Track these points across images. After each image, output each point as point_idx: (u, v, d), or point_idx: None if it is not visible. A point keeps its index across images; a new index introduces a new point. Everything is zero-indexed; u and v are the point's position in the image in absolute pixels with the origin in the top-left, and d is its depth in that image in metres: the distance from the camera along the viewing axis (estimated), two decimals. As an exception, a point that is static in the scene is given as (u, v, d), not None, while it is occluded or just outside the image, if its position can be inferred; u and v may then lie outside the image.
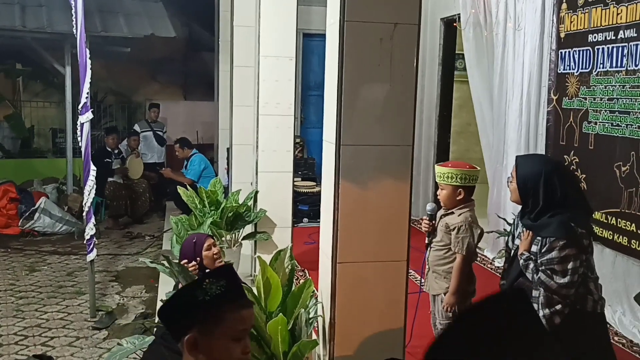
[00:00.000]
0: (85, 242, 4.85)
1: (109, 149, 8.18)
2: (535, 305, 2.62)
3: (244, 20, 5.60)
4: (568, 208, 2.63)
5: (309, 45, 8.80)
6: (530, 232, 2.71)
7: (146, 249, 6.89)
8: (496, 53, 5.63)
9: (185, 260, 3.33)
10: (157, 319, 4.19)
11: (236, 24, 5.74)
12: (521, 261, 2.68)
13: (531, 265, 2.65)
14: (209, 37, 9.53)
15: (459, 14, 6.32)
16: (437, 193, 3.32)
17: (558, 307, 2.58)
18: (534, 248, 2.66)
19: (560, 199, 2.62)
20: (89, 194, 4.74)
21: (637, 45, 4.07)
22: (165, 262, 3.49)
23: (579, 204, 2.69)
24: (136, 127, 9.05)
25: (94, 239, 4.82)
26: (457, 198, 3.23)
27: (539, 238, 2.64)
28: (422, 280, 3.47)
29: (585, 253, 2.62)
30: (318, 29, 7.70)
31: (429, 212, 3.30)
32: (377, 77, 2.54)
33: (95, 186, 4.79)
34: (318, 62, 8.75)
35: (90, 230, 4.78)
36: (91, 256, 4.82)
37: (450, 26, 6.95)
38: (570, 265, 2.57)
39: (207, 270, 3.21)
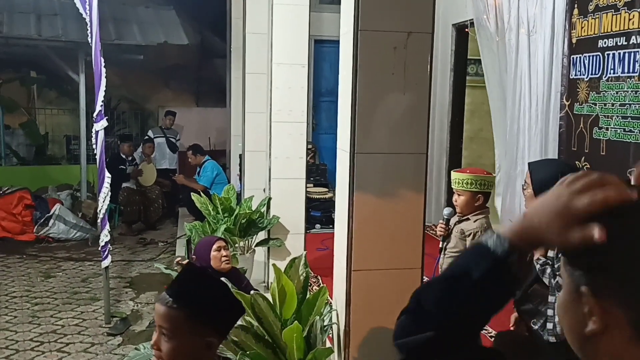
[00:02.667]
0: (99, 248, 4.90)
1: (123, 156, 8.25)
2: (549, 311, 2.58)
3: (257, 28, 5.64)
4: None
5: (321, 51, 8.83)
6: None
7: (160, 255, 6.93)
8: (509, 59, 5.62)
9: (179, 258, 3.38)
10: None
11: (248, 31, 5.78)
12: (537, 266, 2.64)
13: (548, 270, 2.60)
14: (221, 44, 9.59)
15: (471, 19, 6.32)
16: (454, 199, 3.31)
17: None
18: (551, 252, 2.62)
19: None
20: (103, 201, 4.79)
21: (649, 50, 4.05)
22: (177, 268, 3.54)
23: None
24: (150, 134, 9.12)
25: (109, 246, 4.86)
26: (476, 204, 3.23)
27: None
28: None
29: None
30: (330, 35, 7.73)
31: (445, 217, 3.30)
32: (391, 86, 2.55)
33: (110, 194, 4.84)
34: (330, 68, 8.77)
35: (104, 237, 4.82)
36: (106, 262, 4.86)
37: (462, 32, 6.95)
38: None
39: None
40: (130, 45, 8.08)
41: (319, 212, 7.23)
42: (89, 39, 4.76)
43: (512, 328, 2.95)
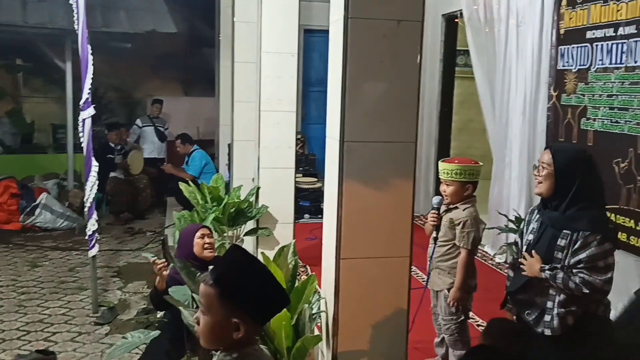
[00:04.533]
0: (87, 237, 4.87)
1: (112, 145, 8.20)
2: (549, 304, 2.54)
3: (246, 16, 5.60)
4: (597, 201, 2.54)
5: (310, 41, 8.80)
6: (534, 251, 2.58)
7: (148, 245, 6.90)
8: (498, 50, 5.63)
9: (156, 258, 3.35)
10: (159, 315, 4.22)
11: (237, 19, 5.74)
12: (545, 275, 2.51)
13: (560, 275, 2.47)
14: (210, 32, 9.52)
15: (461, 10, 6.32)
16: (443, 189, 3.32)
17: (573, 307, 2.49)
18: (562, 242, 2.49)
19: (594, 191, 2.52)
20: (90, 190, 4.75)
21: (637, 41, 4.07)
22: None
23: (603, 198, 2.61)
24: (138, 122, 9.06)
25: (96, 235, 4.83)
26: (465, 194, 3.25)
27: (566, 232, 2.48)
28: (426, 278, 3.49)
29: (617, 248, 2.52)
30: (319, 24, 7.69)
31: (435, 206, 3.31)
32: (381, 74, 2.54)
33: (97, 182, 4.81)
34: (319, 57, 8.75)
35: (92, 225, 4.79)
36: (93, 252, 4.83)
37: (452, 22, 6.96)
38: (610, 260, 2.45)
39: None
40: (118, 33, 8.01)
41: (308, 202, 7.24)
42: (76, 26, 4.70)
43: None
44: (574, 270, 2.45)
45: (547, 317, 2.54)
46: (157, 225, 7.79)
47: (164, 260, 3.24)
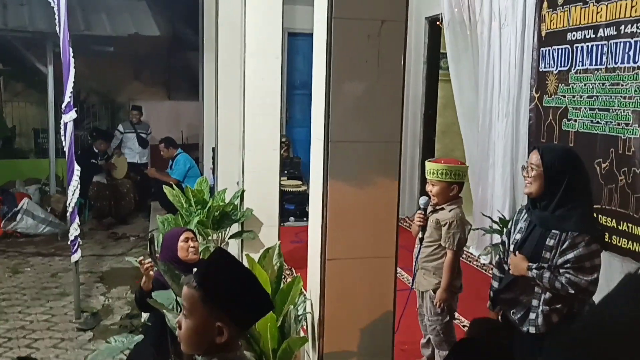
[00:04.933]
0: (69, 242, 4.80)
1: (96, 150, 8.13)
2: (534, 302, 2.55)
3: (229, 19, 5.58)
4: (585, 201, 2.55)
5: (294, 44, 8.79)
6: (519, 252, 2.59)
7: (131, 249, 6.84)
8: (481, 52, 5.67)
9: (143, 258, 3.32)
10: (143, 319, 4.17)
11: (221, 22, 5.72)
12: (531, 273, 2.51)
13: (546, 274, 2.48)
14: (194, 36, 9.48)
15: (442, 12, 6.36)
16: (429, 190, 3.32)
17: (558, 306, 2.50)
18: (550, 242, 2.50)
19: (582, 190, 2.53)
20: (73, 194, 4.70)
21: (617, 43, 4.12)
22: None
23: (591, 197, 2.62)
24: (120, 128, 8.99)
25: (79, 240, 4.77)
26: (451, 194, 3.26)
27: (555, 232, 2.49)
28: (411, 279, 3.49)
29: (604, 250, 2.54)
30: (303, 28, 7.68)
31: (422, 206, 3.32)
32: (365, 74, 2.54)
33: (79, 186, 4.75)
34: (303, 61, 8.74)
35: (74, 230, 4.73)
36: (75, 257, 4.77)
37: (435, 25, 6.99)
38: (597, 261, 2.46)
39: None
40: (100, 36, 7.94)
41: (292, 205, 7.22)
42: (57, 29, 4.65)
43: None
44: (561, 271, 2.46)
45: (532, 315, 2.55)
46: (141, 229, 7.72)
47: (150, 260, 3.21)
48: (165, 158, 7.99)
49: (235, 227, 5.16)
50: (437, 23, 6.81)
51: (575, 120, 4.57)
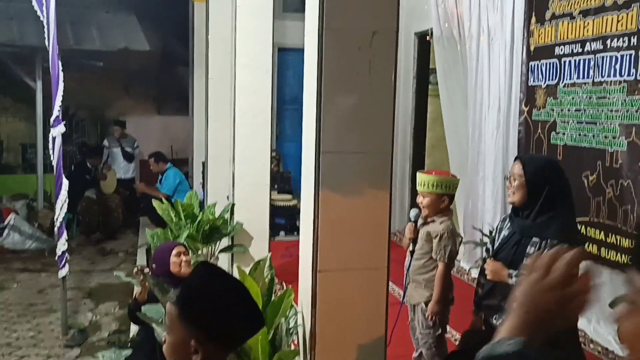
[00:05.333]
0: (56, 258, 4.74)
1: (89, 166, 8.09)
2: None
3: (220, 34, 5.60)
4: (566, 209, 2.58)
5: (284, 59, 8.82)
6: (494, 259, 2.65)
7: (120, 265, 6.77)
8: (470, 66, 5.72)
9: (139, 267, 3.30)
10: (131, 334, 4.11)
11: (212, 37, 5.73)
12: (512, 281, 2.54)
13: None
14: (184, 51, 9.50)
15: (431, 28, 6.42)
16: (419, 201, 3.32)
17: None
18: (531, 250, 2.53)
19: (563, 199, 2.56)
20: (61, 209, 4.65)
21: (603, 57, 4.17)
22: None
23: (572, 206, 2.66)
24: (105, 142, 8.96)
25: (66, 255, 4.72)
26: (441, 206, 3.26)
27: (535, 239, 2.54)
28: (402, 293, 3.47)
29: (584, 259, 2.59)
30: (293, 43, 7.72)
31: (412, 219, 3.31)
32: (356, 84, 2.55)
33: (67, 200, 4.70)
34: (293, 75, 8.77)
35: (62, 245, 4.67)
36: (63, 272, 4.71)
37: (424, 40, 7.05)
38: (575, 270, 2.50)
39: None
40: (90, 50, 7.92)
41: (283, 220, 7.19)
42: (47, 43, 4.64)
43: None
44: None
45: None
46: (130, 245, 7.65)
47: (148, 269, 3.18)
48: (155, 173, 7.96)
49: (225, 241, 5.13)
50: (427, 38, 6.87)
51: (564, 134, 4.61)
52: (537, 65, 4.88)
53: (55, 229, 4.82)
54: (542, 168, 2.63)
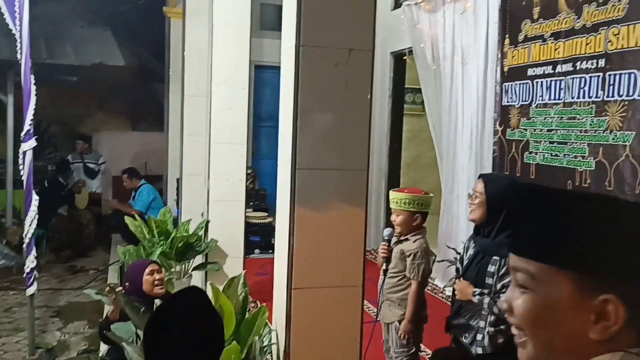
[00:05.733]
0: (25, 275, 4.62)
1: (62, 181, 7.95)
2: (481, 323, 2.65)
3: (196, 50, 5.59)
4: None
5: (261, 76, 8.85)
6: (462, 278, 2.71)
7: (90, 283, 6.62)
8: (445, 86, 5.79)
9: (112, 285, 3.24)
10: (101, 354, 4.01)
11: (188, 53, 5.72)
12: (475, 299, 2.63)
13: (486, 300, 2.59)
14: (160, 67, 9.46)
15: (409, 47, 6.50)
16: (393, 219, 3.33)
17: (503, 327, 2.57)
18: (492, 268, 2.60)
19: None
20: (30, 225, 4.54)
21: (573, 79, 4.27)
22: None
23: None
24: (69, 158, 8.83)
25: (35, 273, 4.59)
26: (414, 224, 3.26)
27: (496, 258, 2.60)
28: (376, 311, 3.45)
29: None
30: (270, 60, 7.75)
31: (386, 237, 3.31)
32: (333, 101, 2.55)
33: (37, 217, 4.60)
34: (270, 93, 8.79)
35: (30, 262, 4.55)
36: (31, 290, 4.58)
37: (400, 60, 7.14)
38: None
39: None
40: (64, 65, 7.84)
41: (258, 237, 7.14)
42: (19, 57, 4.56)
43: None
44: (500, 295, 2.53)
45: (478, 337, 2.66)
46: (101, 263, 7.49)
47: (121, 287, 3.11)
48: (128, 189, 7.85)
49: (199, 259, 5.07)
50: (403, 57, 6.96)
51: (536, 153, 4.68)
52: (511, 85, 4.96)
53: (24, 246, 4.70)
54: (503, 188, 2.67)
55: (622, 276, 0.81)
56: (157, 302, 3.04)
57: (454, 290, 2.90)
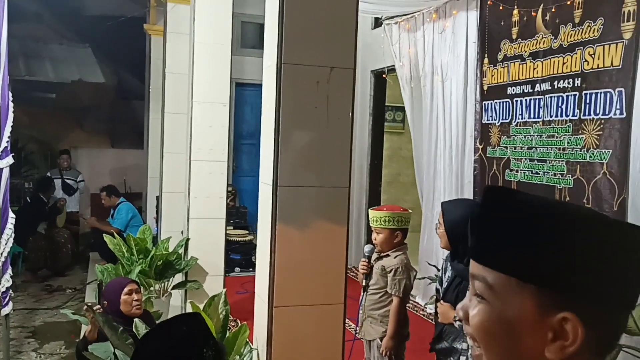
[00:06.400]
0: (0, 294, 4.52)
1: (43, 198, 7.82)
2: (464, 345, 2.65)
3: (177, 67, 5.59)
4: None
5: (242, 94, 8.85)
6: (443, 301, 2.73)
7: (67, 303, 6.49)
8: (425, 104, 5.85)
9: (90, 303, 3.17)
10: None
11: (168, 70, 5.71)
12: (456, 324, 2.63)
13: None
14: (140, 85, 9.42)
15: (389, 66, 6.56)
16: (374, 237, 3.33)
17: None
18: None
19: None
20: (6, 243, 4.45)
21: (551, 97, 4.34)
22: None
23: None
24: (48, 174, 8.71)
25: (10, 292, 4.50)
26: (395, 241, 3.27)
27: None
28: (357, 328, 3.44)
29: None
30: (251, 78, 7.78)
31: (366, 254, 3.31)
32: (314, 119, 2.56)
33: (13, 235, 4.52)
34: (251, 110, 8.80)
35: (5, 282, 4.45)
36: (6, 310, 4.48)
37: (380, 78, 7.20)
38: None
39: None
40: (42, 82, 7.77)
41: (239, 255, 7.09)
42: (-4, 73, 4.51)
43: None
44: None
45: (462, 359, 2.64)
46: (78, 282, 7.37)
47: (98, 306, 3.05)
48: (107, 207, 7.75)
49: (178, 277, 5.01)
50: (383, 76, 7.02)
51: (517, 171, 4.74)
52: (491, 104, 5.03)
53: (0, 264, 4.61)
54: (459, 219, 2.62)
55: (584, 295, 0.75)
56: (137, 321, 2.99)
57: (436, 311, 2.88)
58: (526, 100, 4.61)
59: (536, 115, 4.52)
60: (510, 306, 0.79)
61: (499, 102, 4.92)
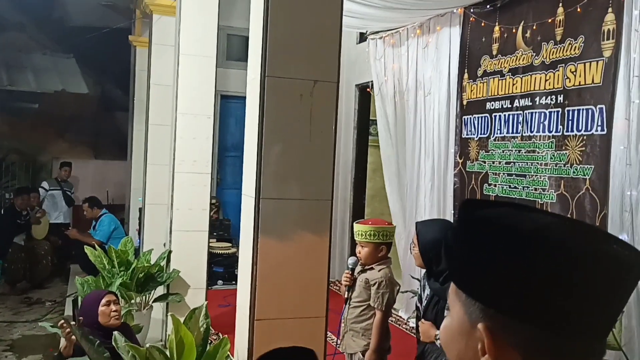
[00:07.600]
0: (-23, 307, 4.45)
1: (18, 209, 7.70)
2: None
3: (161, 79, 5.59)
4: None
5: (227, 106, 8.85)
6: (424, 320, 2.73)
7: (46, 315, 6.40)
8: (407, 119, 5.90)
9: (64, 321, 3.12)
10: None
11: (153, 82, 5.71)
12: (437, 343, 2.62)
13: None
14: (124, 96, 9.39)
15: (372, 80, 6.62)
16: (358, 251, 3.33)
17: None
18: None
19: None
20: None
21: (532, 113, 4.40)
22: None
23: None
24: (44, 185, 8.60)
25: (-13, 304, 4.44)
26: (379, 255, 3.28)
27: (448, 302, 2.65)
28: (339, 341, 3.43)
29: None
30: (236, 90, 7.79)
31: (350, 266, 3.31)
32: (297, 132, 2.58)
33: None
34: (235, 123, 8.79)
35: (-17, 294, 4.40)
36: (-17, 323, 4.42)
37: (365, 92, 7.25)
38: None
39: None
40: (25, 92, 7.71)
41: (221, 268, 7.04)
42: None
43: None
44: None
45: None
46: (58, 294, 7.26)
47: (73, 322, 3.01)
48: (89, 218, 7.67)
49: (160, 290, 4.96)
50: (367, 90, 7.07)
51: (495, 185, 4.78)
52: (470, 119, 5.09)
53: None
54: (432, 240, 2.63)
55: (500, 305, 0.71)
56: (116, 333, 2.95)
57: (417, 328, 2.89)
58: (505, 115, 4.67)
59: (515, 130, 4.57)
60: (454, 317, 0.80)
61: (478, 117, 4.98)
